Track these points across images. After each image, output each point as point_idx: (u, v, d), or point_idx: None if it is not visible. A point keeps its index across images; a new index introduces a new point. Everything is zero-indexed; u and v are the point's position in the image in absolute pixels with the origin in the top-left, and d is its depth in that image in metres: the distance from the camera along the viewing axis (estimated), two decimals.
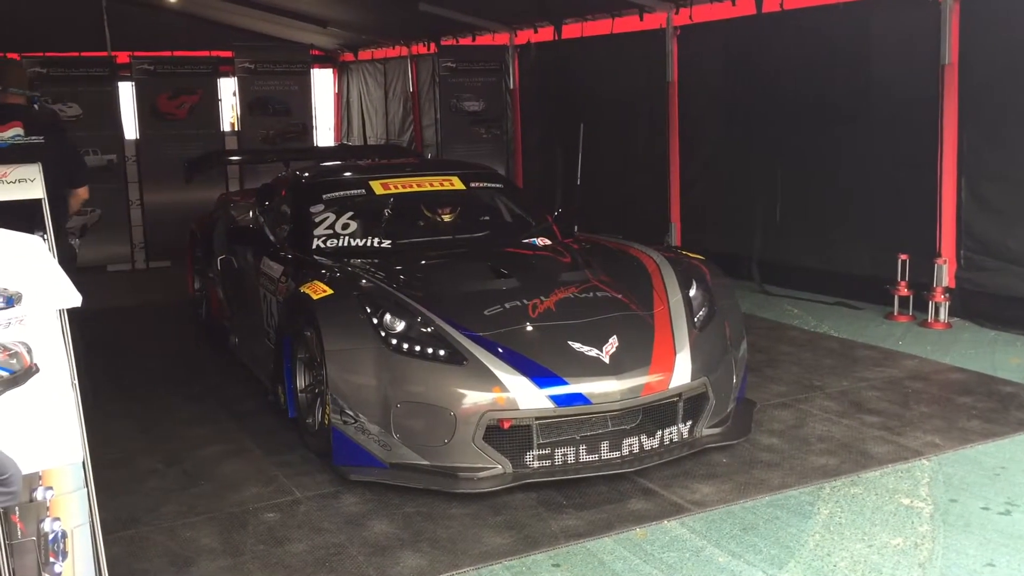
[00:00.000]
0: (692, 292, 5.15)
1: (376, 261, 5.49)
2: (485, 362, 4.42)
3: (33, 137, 4.85)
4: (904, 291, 7.47)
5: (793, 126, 8.60)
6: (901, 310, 7.52)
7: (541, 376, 4.40)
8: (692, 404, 4.74)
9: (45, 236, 3.28)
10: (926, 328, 7.21)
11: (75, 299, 3.16)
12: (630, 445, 4.51)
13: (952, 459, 4.69)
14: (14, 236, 3.06)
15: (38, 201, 3.84)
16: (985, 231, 7.24)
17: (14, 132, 5.00)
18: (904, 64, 7.67)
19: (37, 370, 3.06)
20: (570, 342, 4.60)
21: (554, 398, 4.37)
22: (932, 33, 7.32)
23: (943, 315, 7.26)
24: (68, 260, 5.02)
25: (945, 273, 7.34)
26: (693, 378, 4.68)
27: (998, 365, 6.21)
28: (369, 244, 5.78)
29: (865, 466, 4.61)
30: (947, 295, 7.26)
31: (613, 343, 4.63)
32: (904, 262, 7.44)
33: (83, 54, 11.68)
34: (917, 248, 7.45)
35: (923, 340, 6.90)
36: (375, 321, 4.57)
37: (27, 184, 3.22)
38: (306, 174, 6.64)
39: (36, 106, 5.59)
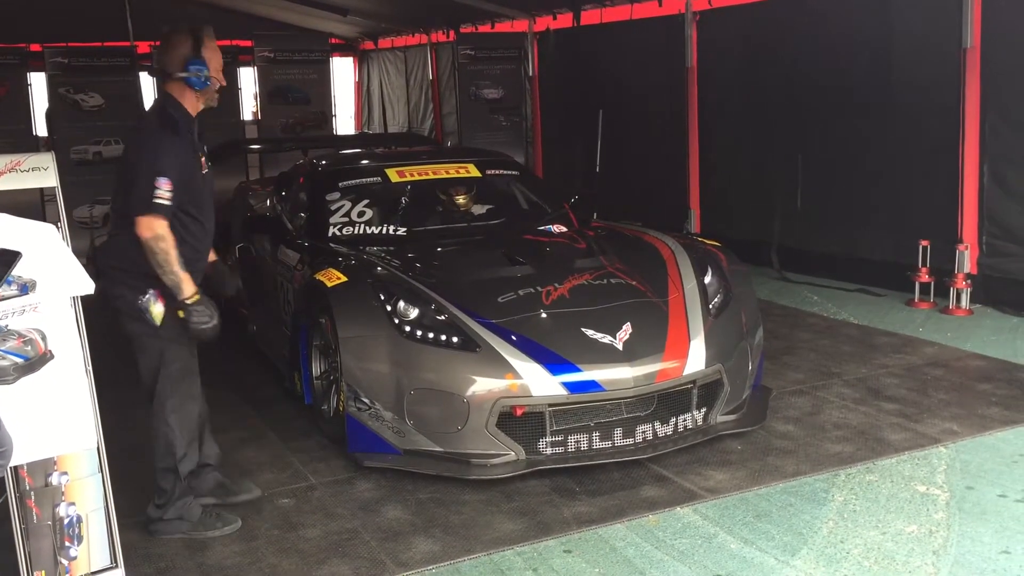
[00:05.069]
0: (707, 279, 5.13)
1: (391, 249, 5.50)
2: (498, 349, 4.43)
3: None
4: (925, 277, 7.40)
5: (813, 111, 8.53)
6: (922, 297, 7.45)
7: (554, 363, 4.40)
8: (706, 391, 4.72)
9: (59, 225, 3.31)
10: (947, 315, 7.15)
11: (88, 287, 3.19)
12: (644, 432, 4.51)
13: (970, 446, 4.65)
14: (28, 224, 3.10)
15: None
16: (1008, 217, 7.15)
17: None
18: (925, 47, 7.57)
19: (52, 357, 3.10)
20: (583, 329, 4.59)
21: (567, 385, 4.37)
22: (954, 16, 7.22)
23: (964, 301, 7.19)
24: (114, 313, 3.84)
25: (967, 259, 7.26)
26: (708, 365, 4.67)
27: (1020, 352, 6.14)
28: (385, 232, 5.79)
29: (881, 453, 4.58)
30: (968, 281, 7.18)
31: (627, 330, 4.62)
32: (925, 248, 7.37)
33: (105, 44, 11.77)
34: (939, 234, 7.38)
35: (944, 327, 6.84)
36: (389, 308, 4.59)
37: (40, 173, 3.25)
38: (322, 162, 6.66)
39: (198, 91, 3.94)
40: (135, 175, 3.74)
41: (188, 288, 3.74)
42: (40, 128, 11.86)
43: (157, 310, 3.75)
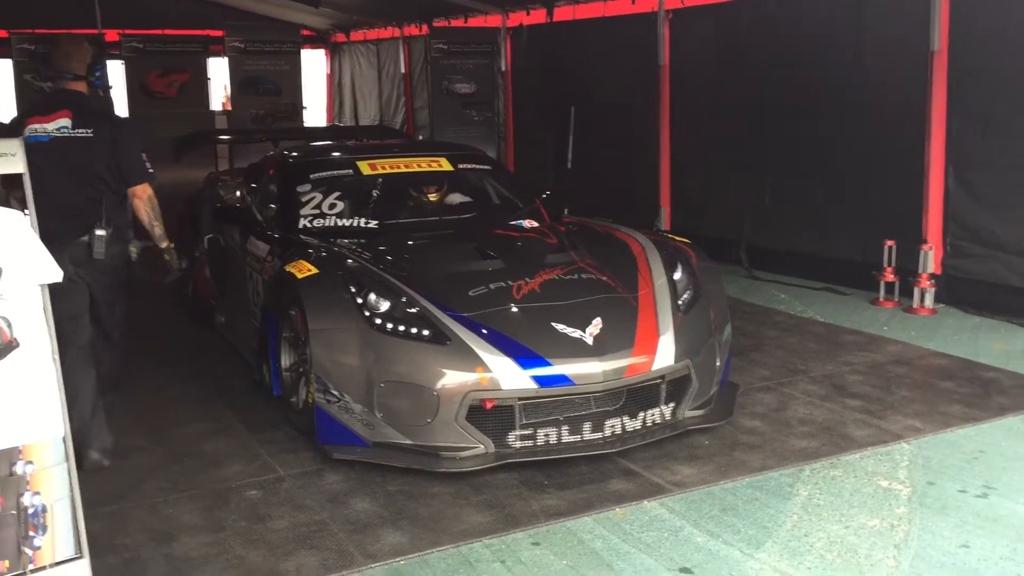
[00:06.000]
0: (677, 275, 5.17)
1: (362, 241, 5.49)
2: (469, 342, 4.44)
3: (80, 130, 4.46)
4: (890, 277, 7.50)
5: (783, 111, 8.61)
6: (887, 296, 7.55)
7: (524, 357, 4.42)
8: (675, 386, 4.76)
9: (27, 212, 3.27)
10: (911, 314, 7.25)
11: (56, 274, 3.16)
12: (612, 426, 4.53)
13: (932, 443, 4.72)
14: None
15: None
16: (972, 218, 7.27)
17: (60, 124, 4.47)
18: (894, 50, 7.67)
19: (17, 345, 3.06)
20: (554, 323, 4.61)
21: (537, 379, 4.38)
22: (922, 19, 7.31)
23: (928, 301, 7.30)
24: (116, 266, 4.59)
25: (931, 259, 7.37)
26: (676, 360, 4.70)
27: (981, 351, 6.25)
28: (356, 224, 5.78)
29: (845, 449, 4.65)
30: (932, 281, 7.29)
31: (597, 325, 4.64)
32: (890, 248, 7.46)
33: (73, 31, 11.61)
34: (904, 234, 7.47)
35: (908, 325, 6.94)
36: (359, 301, 4.58)
37: (8, 159, 3.20)
38: (294, 154, 6.63)
39: (100, 90, 4.87)
40: (124, 155, 4.55)
41: (166, 237, 4.85)
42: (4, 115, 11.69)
43: (135, 250, 4.73)
